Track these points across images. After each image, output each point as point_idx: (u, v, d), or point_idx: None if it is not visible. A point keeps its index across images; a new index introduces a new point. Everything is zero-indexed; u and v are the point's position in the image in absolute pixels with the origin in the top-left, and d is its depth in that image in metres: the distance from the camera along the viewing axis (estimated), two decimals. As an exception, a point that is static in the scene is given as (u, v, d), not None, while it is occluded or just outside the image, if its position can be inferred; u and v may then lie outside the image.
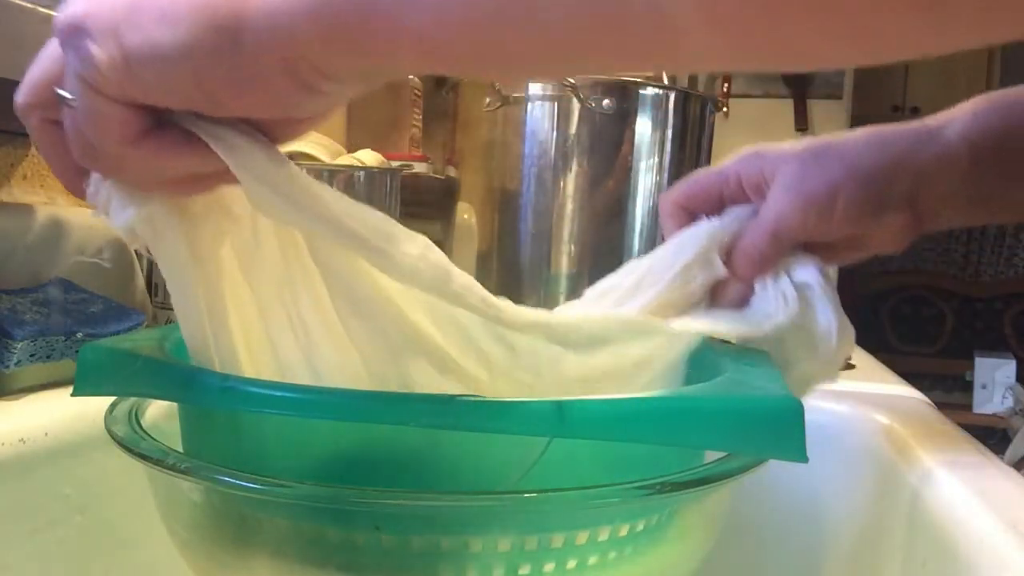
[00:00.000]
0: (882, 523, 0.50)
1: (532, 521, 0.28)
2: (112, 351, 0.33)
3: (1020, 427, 1.70)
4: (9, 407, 0.45)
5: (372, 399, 0.29)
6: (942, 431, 0.53)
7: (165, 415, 0.36)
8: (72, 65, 0.27)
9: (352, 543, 0.28)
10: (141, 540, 0.47)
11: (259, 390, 0.28)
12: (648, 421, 0.27)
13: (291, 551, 0.29)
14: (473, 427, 0.26)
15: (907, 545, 0.44)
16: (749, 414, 0.28)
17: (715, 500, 0.33)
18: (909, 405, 0.62)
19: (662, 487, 0.28)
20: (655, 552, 0.32)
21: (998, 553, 0.34)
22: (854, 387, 0.66)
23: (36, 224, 0.61)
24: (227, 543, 0.31)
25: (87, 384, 0.32)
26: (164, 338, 0.34)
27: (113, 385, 0.32)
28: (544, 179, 0.83)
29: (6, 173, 0.63)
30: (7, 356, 0.47)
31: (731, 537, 0.35)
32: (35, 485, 0.42)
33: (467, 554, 0.28)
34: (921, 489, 0.44)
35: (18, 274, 0.58)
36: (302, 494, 0.27)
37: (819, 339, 0.39)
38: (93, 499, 0.45)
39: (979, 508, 0.38)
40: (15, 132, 0.63)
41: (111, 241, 0.68)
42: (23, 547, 0.42)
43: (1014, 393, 2.70)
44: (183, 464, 0.28)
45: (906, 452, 0.49)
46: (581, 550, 0.29)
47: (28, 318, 0.50)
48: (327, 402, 0.27)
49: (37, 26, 0.48)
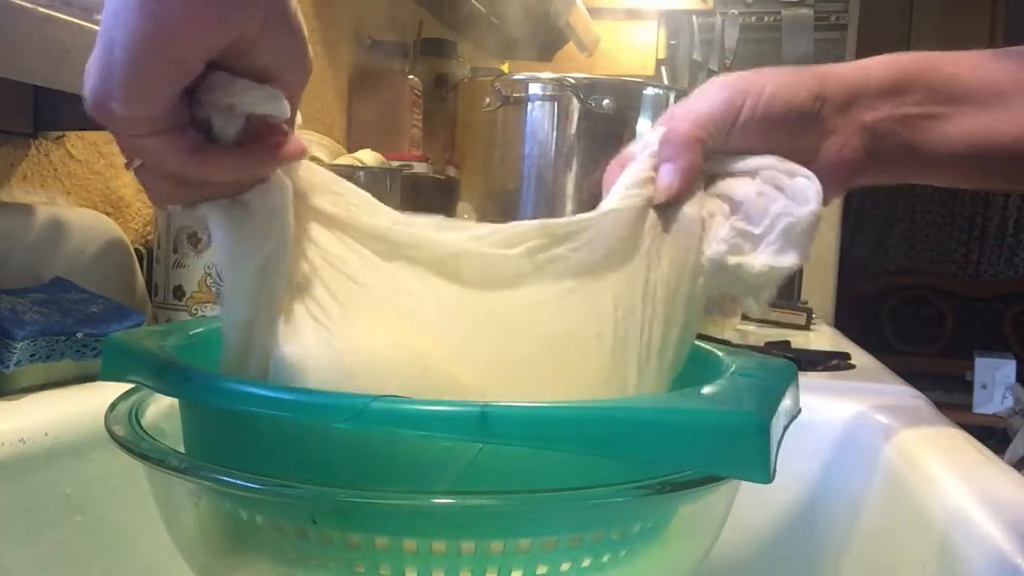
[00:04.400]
0: (882, 523, 0.50)
1: (526, 522, 0.28)
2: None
3: (1020, 427, 1.70)
4: (9, 407, 0.45)
5: (302, 396, 0.29)
6: (942, 431, 0.53)
7: (165, 415, 0.36)
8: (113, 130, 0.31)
9: (352, 543, 0.28)
10: (141, 540, 0.47)
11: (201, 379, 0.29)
12: (576, 430, 0.26)
13: (291, 551, 0.29)
14: (396, 430, 0.27)
15: (907, 545, 0.44)
16: (696, 429, 0.26)
17: (715, 500, 0.33)
18: (909, 405, 0.62)
19: (662, 487, 0.28)
20: (654, 553, 0.32)
21: (998, 553, 0.34)
22: (854, 387, 0.66)
23: (36, 224, 0.61)
24: (227, 543, 0.31)
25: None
26: (168, 333, 0.35)
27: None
28: (544, 179, 0.83)
29: (6, 173, 0.63)
30: (7, 356, 0.47)
31: (731, 537, 0.35)
32: (35, 485, 0.42)
33: (459, 556, 0.28)
34: (921, 489, 0.44)
35: (18, 274, 0.58)
36: (302, 494, 0.27)
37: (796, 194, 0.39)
38: (93, 499, 0.45)
39: (979, 508, 0.38)
40: (15, 132, 0.63)
41: (111, 241, 0.68)
42: (23, 547, 0.42)
43: (1014, 393, 2.70)
44: (183, 464, 0.29)
45: (906, 452, 0.49)
46: (575, 552, 0.29)
47: (28, 318, 0.50)
48: (258, 396, 0.28)
49: (37, 26, 0.48)
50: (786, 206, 0.38)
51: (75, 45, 0.50)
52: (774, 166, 0.40)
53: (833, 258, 2.39)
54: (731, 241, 0.38)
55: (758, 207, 0.39)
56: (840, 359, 0.85)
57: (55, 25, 0.49)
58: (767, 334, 1.15)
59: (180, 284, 0.67)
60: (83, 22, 0.51)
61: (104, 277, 0.65)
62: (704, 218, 0.39)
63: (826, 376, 0.76)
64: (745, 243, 0.39)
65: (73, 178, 0.70)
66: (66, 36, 0.49)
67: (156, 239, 0.70)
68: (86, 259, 0.65)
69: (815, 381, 0.70)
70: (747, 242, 0.39)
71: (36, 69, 0.48)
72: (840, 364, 0.83)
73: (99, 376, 0.35)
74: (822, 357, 0.86)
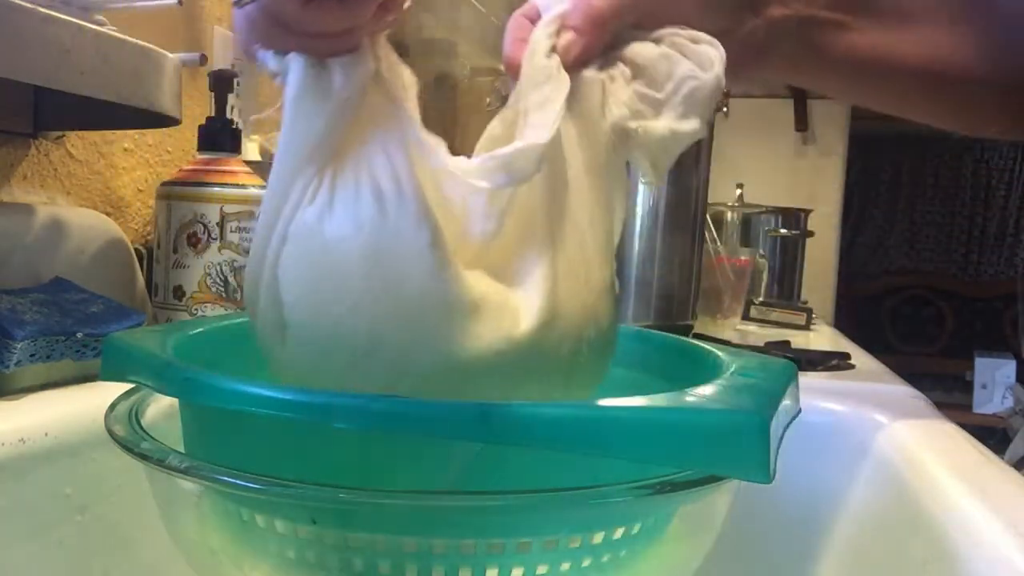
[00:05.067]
0: (882, 523, 0.50)
1: (526, 522, 0.28)
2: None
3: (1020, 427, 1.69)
4: (9, 407, 0.45)
5: (302, 396, 0.28)
6: (942, 431, 0.53)
7: (165, 415, 0.36)
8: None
9: (352, 543, 0.28)
10: (141, 540, 0.47)
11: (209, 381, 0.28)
12: (579, 430, 0.26)
13: (291, 551, 0.29)
14: (396, 430, 0.27)
15: (907, 545, 0.44)
16: (696, 429, 0.26)
17: (715, 500, 0.33)
18: (909, 405, 0.62)
19: (662, 487, 0.28)
20: (654, 553, 0.32)
21: (998, 553, 0.34)
22: (854, 387, 0.66)
23: (36, 224, 0.61)
24: (227, 543, 0.31)
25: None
26: (168, 333, 0.35)
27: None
28: (544, 179, 0.83)
29: (6, 173, 0.63)
30: (7, 356, 0.47)
31: (731, 537, 0.35)
32: (35, 485, 0.42)
33: (459, 556, 0.28)
34: (921, 489, 0.44)
35: (18, 274, 0.58)
36: (302, 494, 0.27)
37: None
38: (93, 499, 0.45)
39: (979, 508, 0.38)
40: (15, 132, 0.63)
41: (111, 241, 0.68)
42: (23, 547, 0.42)
43: (1014, 393, 2.70)
44: (183, 464, 0.29)
45: (906, 452, 0.49)
46: (575, 552, 0.29)
47: (28, 318, 0.50)
48: (258, 396, 0.28)
49: (37, 26, 0.48)
50: (691, 70, 0.37)
51: (75, 45, 0.50)
52: (677, 32, 0.39)
53: (833, 258, 2.40)
54: (633, 106, 0.37)
55: (662, 71, 0.38)
56: (840, 359, 0.85)
57: (55, 25, 0.49)
58: (767, 334, 1.15)
59: (180, 284, 0.67)
60: (83, 22, 0.51)
61: (104, 277, 0.65)
62: (605, 82, 0.38)
63: (826, 376, 0.76)
64: (647, 108, 0.38)
65: (73, 178, 0.70)
66: (66, 36, 0.49)
67: (156, 239, 0.70)
68: (86, 259, 0.65)
69: (815, 381, 0.70)
70: (649, 107, 0.38)
71: (36, 69, 0.48)
72: (840, 364, 0.83)
73: (99, 376, 0.35)
74: (822, 357, 0.86)
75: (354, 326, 0.31)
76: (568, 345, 0.33)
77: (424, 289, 0.31)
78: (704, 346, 0.41)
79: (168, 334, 0.37)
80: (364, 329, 0.31)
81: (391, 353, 0.31)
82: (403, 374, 0.31)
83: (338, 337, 0.31)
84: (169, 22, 0.81)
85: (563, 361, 0.33)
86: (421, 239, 0.31)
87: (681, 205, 0.90)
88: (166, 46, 0.60)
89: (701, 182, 0.94)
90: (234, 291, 0.68)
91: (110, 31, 0.55)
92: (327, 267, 0.31)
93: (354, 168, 0.33)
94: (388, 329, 0.31)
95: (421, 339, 0.31)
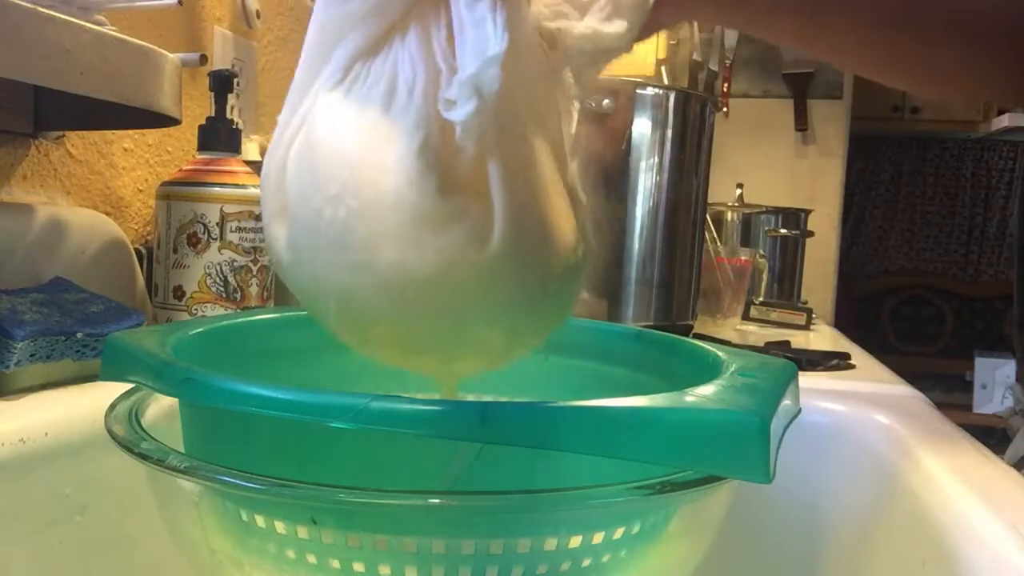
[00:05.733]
0: (882, 523, 0.50)
1: (526, 522, 0.28)
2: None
3: (1020, 427, 1.69)
4: (9, 407, 0.45)
5: (302, 396, 0.28)
6: (942, 431, 0.53)
7: (165, 415, 0.36)
8: None
9: (352, 543, 0.28)
10: (141, 540, 0.47)
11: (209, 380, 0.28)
12: (579, 430, 0.26)
13: (291, 551, 0.29)
14: (395, 430, 0.26)
15: (907, 545, 0.44)
16: (696, 429, 0.26)
17: (715, 500, 0.33)
18: (909, 405, 0.62)
19: (662, 487, 0.28)
20: (654, 552, 0.32)
21: (998, 553, 0.34)
22: (854, 387, 0.66)
23: (36, 224, 0.61)
24: (227, 543, 0.31)
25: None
26: (168, 333, 0.35)
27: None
28: (544, 179, 0.83)
29: (6, 173, 0.63)
30: (7, 356, 0.47)
31: (731, 537, 0.35)
32: (35, 485, 0.42)
33: (459, 556, 0.28)
34: (921, 489, 0.44)
35: (18, 274, 0.58)
36: (302, 494, 0.27)
37: None
38: (93, 499, 0.45)
39: (979, 508, 0.38)
40: (15, 132, 0.63)
41: (111, 241, 0.68)
42: (23, 547, 0.42)
43: (1014, 393, 2.70)
44: (183, 464, 0.29)
45: (906, 452, 0.49)
46: (575, 552, 0.29)
47: (28, 318, 0.50)
48: (258, 396, 0.28)
49: (37, 26, 0.48)
50: None
51: (75, 45, 0.50)
52: None
53: (833, 258, 2.39)
54: (555, 7, 0.36)
55: None
56: (840, 359, 0.85)
57: (55, 25, 0.49)
58: (767, 334, 1.15)
59: (180, 284, 0.67)
60: (83, 22, 0.51)
61: (104, 277, 0.65)
62: None
63: (826, 376, 0.76)
64: (572, 11, 0.36)
65: (73, 178, 0.70)
66: (66, 36, 0.49)
67: (156, 239, 0.70)
68: (86, 259, 0.65)
69: (815, 381, 0.70)
70: (574, 9, 0.36)
71: (36, 69, 0.48)
72: (840, 364, 0.83)
73: (99, 376, 0.35)
74: (822, 357, 0.86)
75: (332, 215, 0.30)
76: (534, 259, 0.32)
77: (400, 193, 0.30)
78: (704, 346, 0.41)
79: (168, 334, 0.37)
80: (340, 219, 0.30)
81: (356, 254, 0.30)
82: (368, 275, 0.30)
83: (317, 225, 0.30)
84: (169, 22, 0.81)
85: (532, 276, 0.32)
86: (412, 143, 0.30)
87: (681, 205, 0.90)
88: (166, 46, 0.60)
89: (701, 182, 0.94)
90: (234, 291, 0.68)
91: (110, 31, 0.55)
92: (323, 155, 0.31)
93: (382, 62, 0.32)
94: (359, 224, 0.30)
95: (384, 241, 0.30)
